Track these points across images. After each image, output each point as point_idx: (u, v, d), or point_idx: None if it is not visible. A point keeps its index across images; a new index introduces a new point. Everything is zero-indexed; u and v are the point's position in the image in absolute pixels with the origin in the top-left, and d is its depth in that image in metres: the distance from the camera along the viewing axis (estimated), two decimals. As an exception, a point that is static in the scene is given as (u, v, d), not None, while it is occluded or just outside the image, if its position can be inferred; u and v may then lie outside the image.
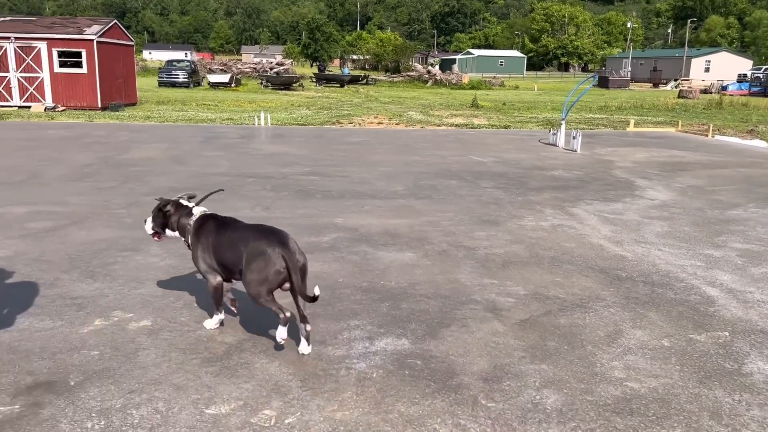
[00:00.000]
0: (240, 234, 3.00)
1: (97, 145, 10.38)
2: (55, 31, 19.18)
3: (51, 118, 15.44)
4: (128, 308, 3.43)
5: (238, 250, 2.91)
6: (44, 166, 8.05)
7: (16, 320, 3.23)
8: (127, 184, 6.99)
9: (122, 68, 21.08)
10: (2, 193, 6.29)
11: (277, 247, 2.83)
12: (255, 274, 2.82)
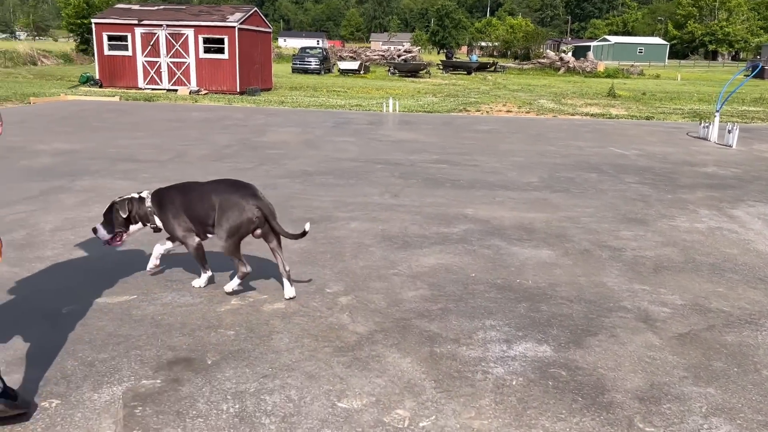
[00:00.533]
0: (210, 187, 3.22)
1: (236, 127, 10.85)
2: (202, 19, 20.33)
3: (195, 101, 16.40)
4: (263, 289, 3.45)
5: (210, 201, 3.14)
6: (188, 146, 8.50)
7: (161, 295, 3.33)
8: (263, 166, 7.19)
9: (260, 54, 21.99)
10: (151, 171, 6.68)
11: (250, 198, 3.13)
12: (230, 223, 3.08)
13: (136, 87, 20.00)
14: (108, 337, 2.82)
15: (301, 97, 19.21)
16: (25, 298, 3.22)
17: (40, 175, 6.27)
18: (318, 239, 4.39)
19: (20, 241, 4.15)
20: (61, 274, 3.57)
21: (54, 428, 2.13)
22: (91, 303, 3.19)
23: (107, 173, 6.46)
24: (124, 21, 20.16)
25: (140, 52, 20.06)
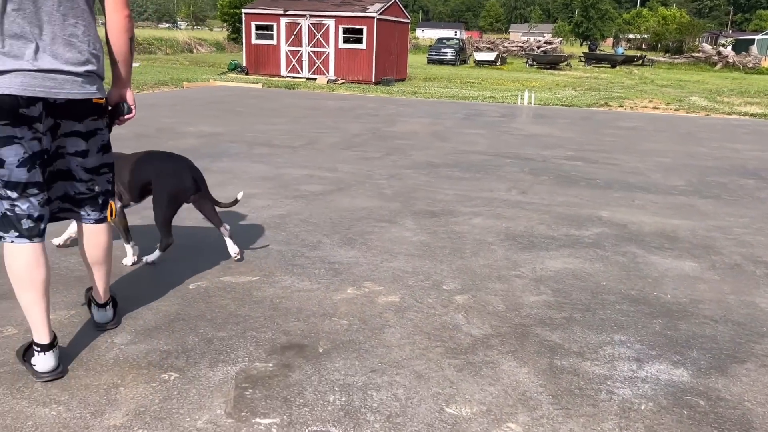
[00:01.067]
0: (145, 158, 3.29)
1: (368, 116, 10.99)
2: (343, 9, 20.82)
3: (331, 90, 16.86)
4: (379, 280, 3.41)
5: (145, 170, 3.23)
6: (321, 133, 8.71)
7: (281, 278, 3.39)
8: (390, 156, 7.20)
9: (396, 45, 22.18)
10: (285, 156, 6.91)
11: (186, 167, 3.31)
12: (169, 191, 3.24)
13: (278, 75, 20.94)
14: (228, 316, 2.90)
15: (434, 88, 19.14)
16: (158, 272, 3.40)
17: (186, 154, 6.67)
18: (438, 233, 4.29)
19: (161, 216, 4.41)
20: (194, 251, 3.75)
21: (170, 401, 2.20)
22: (216, 281, 3.31)
23: (244, 156, 6.76)
24: (271, 11, 21.15)
25: (284, 41, 20.97)
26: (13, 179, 2.17)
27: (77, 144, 2.35)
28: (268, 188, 5.39)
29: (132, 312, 2.88)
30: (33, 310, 2.27)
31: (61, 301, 2.95)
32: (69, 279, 3.23)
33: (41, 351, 2.29)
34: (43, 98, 2.17)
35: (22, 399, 2.17)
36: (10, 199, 2.19)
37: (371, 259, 3.73)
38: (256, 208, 4.74)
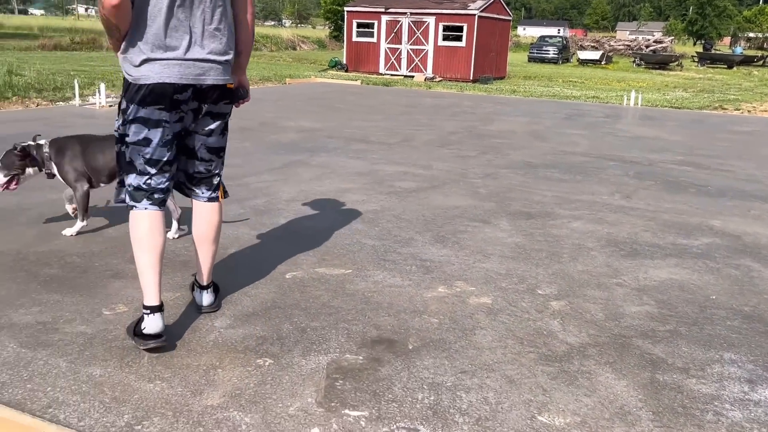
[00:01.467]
0: (109, 140, 3.47)
1: (464, 114, 10.89)
2: (444, 7, 20.74)
3: (428, 88, 16.85)
4: (471, 281, 3.36)
5: (110, 152, 3.39)
6: (417, 130, 8.72)
7: (373, 272, 3.42)
8: (486, 155, 7.09)
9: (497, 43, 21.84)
10: (381, 153, 6.96)
11: None
12: None
13: (377, 72, 21.17)
14: (322, 306, 2.95)
15: (534, 86, 18.69)
16: (257, 260, 3.52)
17: (285, 148, 6.89)
18: (534, 235, 4.17)
19: (260, 207, 4.57)
20: (291, 242, 3.85)
21: (264, 386, 2.27)
22: (311, 272, 3.38)
23: (341, 152, 6.88)
24: (372, 9, 21.41)
25: (384, 38, 21.17)
26: (154, 157, 2.44)
27: (208, 123, 2.58)
28: (363, 183, 5.45)
29: (231, 297, 3.00)
30: (148, 273, 2.46)
31: (167, 284, 3.11)
32: (175, 263, 3.40)
33: (151, 312, 2.45)
34: (193, 84, 2.40)
35: (130, 373, 2.30)
36: (149, 174, 2.46)
37: (464, 259, 3.69)
38: (351, 203, 4.80)
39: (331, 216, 4.43)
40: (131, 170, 2.46)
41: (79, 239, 3.66)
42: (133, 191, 2.47)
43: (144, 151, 2.42)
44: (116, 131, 2.50)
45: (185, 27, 2.35)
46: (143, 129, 2.39)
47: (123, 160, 2.48)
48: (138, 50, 2.32)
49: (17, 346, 2.44)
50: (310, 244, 3.81)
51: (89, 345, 2.48)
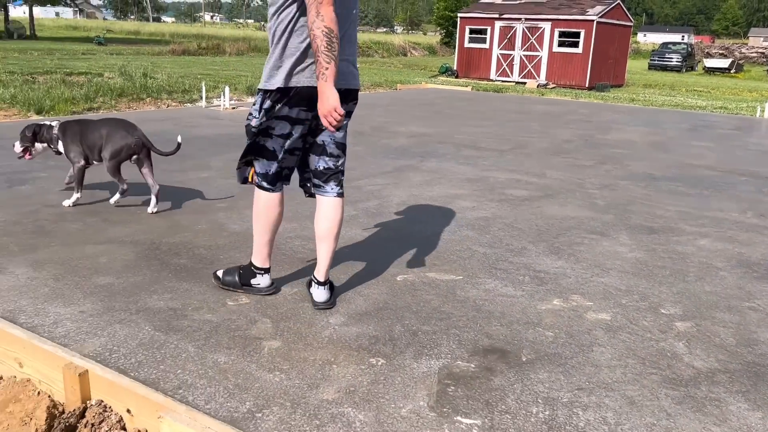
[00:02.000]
0: (102, 122, 4.15)
1: (579, 122, 10.54)
2: (561, 12, 20.21)
3: (541, 94, 16.46)
4: (588, 295, 3.24)
5: (100, 131, 4.08)
6: (529, 138, 8.54)
7: (484, 280, 3.37)
8: (603, 165, 6.82)
9: (615, 49, 21.01)
10: (492, 159, 6.88)
11: (131, 130, 4.11)
12: (113, 147, 4.04)
13: (487, 78, 20.96)
14: (433, 311, 2.95)
15: (654, 95, 17.78)
16: (369, 261, 3.57)
17: (396, 153, 6.97)
18: (657, 251, 3.96)
19: (372, 209, 4.64)
20: (402, 245, 3.88)
21: (377, 385, 2.29)
22: (422, 276, 3.39)
23: (451, 157, 6.86)
24: (485, 15, 21.23)
25: (496, 44, 20.93)
26: (290, 147, 2.78)
27: None
28: (474, 190, 5.41)
29: (345, 295, 3.06)
30: (269, 244, 2.94)
31: (285, 279, 3.23)
32: (293, 260, 3.53)
33: (264, 273, 2.98)
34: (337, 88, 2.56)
35: (251, 362, 2.41)
36: (284, 161, 2.81)
37: (580, 272, 3.56)
38: (461, 209, 4.77)
39: (441, 221, 4.43)
40: (268, 157, 2.78)
41: (206, 233, 3.89)
42: (269, 175, 2.81)
43: (285, 143, 2.74)
44: (254, 125, 2.75)
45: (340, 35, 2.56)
46: (287, 125, 2.71)
47: (258, 149, 2.78)
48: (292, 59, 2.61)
49: (152, 329, 2.62)
50: (420, 247, 3.83)
51: (214, 332, 2.62)
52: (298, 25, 2.58)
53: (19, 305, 2.76)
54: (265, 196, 2.85)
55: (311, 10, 2.41)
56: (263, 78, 2.70)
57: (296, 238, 3.88)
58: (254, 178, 2.86)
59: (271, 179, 2.83)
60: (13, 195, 4.51)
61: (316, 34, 2.41)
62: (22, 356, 2.39)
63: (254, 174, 2.86)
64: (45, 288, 2.95)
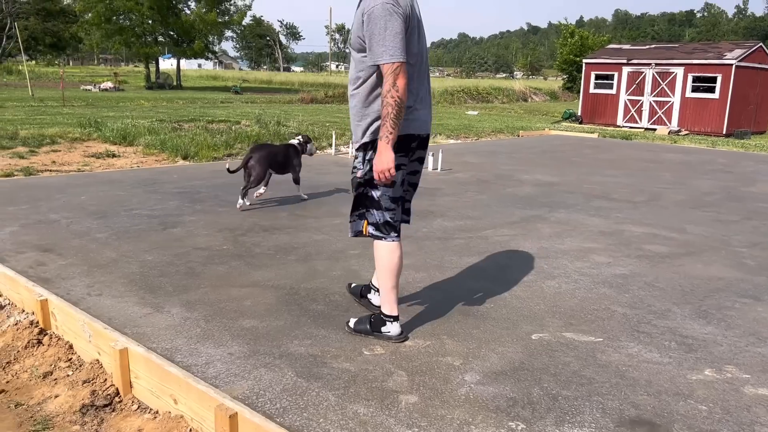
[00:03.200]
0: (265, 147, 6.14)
1: (719, 173, 9.89)
2: (695, 57, 19.30)
3: (673, 141, 15.66)
4: (745, 366, 2.97)
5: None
6: (664, 188, 8.11)
7: (626, 343, 3.20)
8: (751, 220, 6.33)
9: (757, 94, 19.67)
10: (625, 212, 6.59)
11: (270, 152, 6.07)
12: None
13: (614, 125, 20.28)
14: (572, 375, 2.84)
15: (804, 143, 16.35)
16: (502, 316, 3.51)
17: (522, 202, 6.87)
18: (824, 321, 3.57)
19: (501, 262, 4.58)
20: (534, 300, 3.79)
21: (517, 451, 2.22)
22: (558, 335, 3.27)
23: (581, 208, 6.66)
24: (612, 60, 20.68)
25: (624, 90, 20.27)
26: (397, 195, 2.98)
27: (418, 167, 3.14)
28: (608, 244, 5.19)
29: (479, 352, 3.02)
30: (396, 290, 3.06)
31: (417, 331, 3.24)
32: (425, 310, 3.54)
33: (394, 320, 3.09)
34: (420, 134, 2.99)
35: (390, 416, 2.42)
36: (393, 210, 2.98)
37: (733, 340, 3.29)
38: (596, 264, 4.59)
39: (575, 277, 4.28)
40: (378, 207, 2.96)
41: (341, 279, 4.01)
42: (383, 225, 2.98)
43: (390, 191, 2.94)
44: (360, 177, 2.97)
45: (422, 87, 2.98)
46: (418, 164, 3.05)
47: (368, 200, 2.98)
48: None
49: (294, 375, 2.71)
50: (555, 304, 3.72)
51: (353, 382, 2.67)
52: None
53: (175, 344, 2.97)
54: (396, 247, 3.01)
55: (387, 80, 2.69)
56: (361, 134, 2.95)
57: (426, 289, 3.90)
58: (367, 229, 3.03)
59: (393, 228, 3.00)
60: (166, 237, 4.90)
61: (388, 102, 2.69)
62: (178, 394, 2.56)
63: (367, 225, 3.03)
64: (197, 328, 3.16)
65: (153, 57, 38.25)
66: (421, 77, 2.93)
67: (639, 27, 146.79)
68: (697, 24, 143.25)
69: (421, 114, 2.96)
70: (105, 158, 9.13)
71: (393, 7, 2.68)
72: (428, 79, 3.02)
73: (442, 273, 4.24)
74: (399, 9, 2.69)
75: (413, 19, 2.79)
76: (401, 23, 2.69)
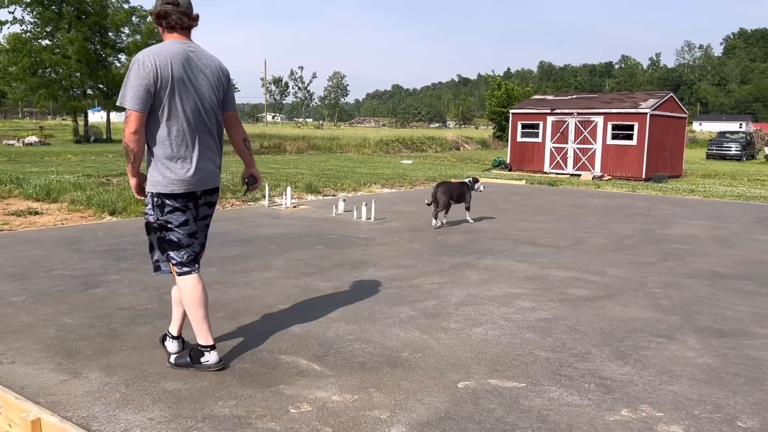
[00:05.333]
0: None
1: (638, 216, 10.40)
2: (613, 106, 20.45)
3: (597, 187, 16.39)
4: (658, 405, 3.11)
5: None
6: (587, 233, 8.46)
7: (548, 388, 3.30)
8: (666, 261, 6.67)
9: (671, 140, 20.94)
10: (549, 256, 6.83)
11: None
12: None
13: (541, 171, 21.08)
14: (496, 422, 2.89)
15: (715, 185, 17.44)
16: (429, 365, 3.56)
17: (452, 250, 7.02)
18: (728, 357, 3.79)
19: (431, 310, 4.65)
20: (462, 348, 3.85)
21: (440, 503, 2.24)
22: (484, 382, 3.34)
23: (509, 254, 6.85)
24: (537, 110, 21.65)
25: (549, 138, 21.17)
26: (191, 231, 3.38)
27: (207, 211, 3.53)
28: (533, 289, 5.36)
29: (406, 403, 3.04)
30: (206, 321, 3.35)
31: (345, 386, 3.24)
32: (353, 364, 3.54)
33: (210, 350, 3.35)
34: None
35: (314, 475, 2.40)
36: (191, 245, 3.37)
37: (648, 379, 3.44)
38: (521, 309, 4.72)
39: (501, 323, 4.39)
40: (175, 247, 3.31)
41: (269, 335, 3.97)
42: (184, 261, 3.32)
43: (185, 229, 3.32)
44: (154, 223, 3.29)
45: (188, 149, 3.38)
46: (182, 215, 3.31)
47: (164, 242, 3.31)
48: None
49: (217, 438, 2.66)
50: (481, 351, 3.79)
51: (277, 442, 2.64)
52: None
53: (92, 412, 2.86)
54: (196, 279, 3.35)
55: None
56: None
57: (356, 341, 3.91)
58: (173, 269, 3.35)
59: (191, 262, 3.36)
60: (88, 298, 4.74)
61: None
62: (94, 464, 2.46)
63: (173, 266, 3.35)
64: (117, 393, 3.06)
65: (81, 110, 37.40)
66: (193, 135, 3.27)
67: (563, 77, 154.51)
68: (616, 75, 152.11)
69: (192, 171, 3.27)
70: (26, 216, 8.78)
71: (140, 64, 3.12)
72: (213, 137, 3.39)
73: (372, 324, 4.27)
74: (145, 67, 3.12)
75: (171, 79, 3.15)
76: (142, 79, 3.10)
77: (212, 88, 3.34)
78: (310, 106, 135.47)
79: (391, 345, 3.87)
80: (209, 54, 3.40)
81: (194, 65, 3.26)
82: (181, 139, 3.22)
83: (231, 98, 3.52)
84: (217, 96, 3.38)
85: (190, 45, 3.31)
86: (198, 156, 3.28)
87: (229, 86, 3.50)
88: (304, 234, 7.78)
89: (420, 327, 4.24)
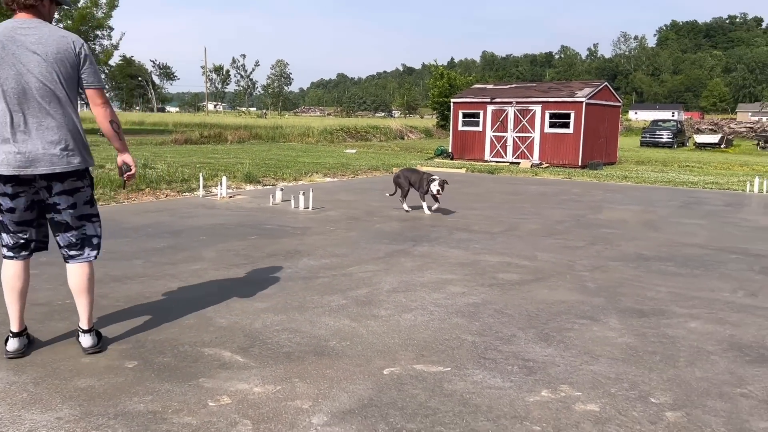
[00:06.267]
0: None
1: (572, 202, 10.66)
2: (550, 95, 20.87)
3: (535, 174, 16.73)
4: (577, 385, 3.18)
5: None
6: (522, 219, 8.62)
7: (472, 371, 3.33)
8: (594, 245, 6.86)
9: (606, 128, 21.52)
10: (483, 242, 6.92)
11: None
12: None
13: (482, 159, 21.36)
14: (418, 407, 2.90)
15: (647, 172, 18.07)
16: (356, 353, 3.54)
17: (389, 237, 7.02)
18: (647, 336, 3.92)
19: (362, 298, 4.64)
20: (390, 335, 3.85)
21: (356, 490, 2.22)
22: (409, 368, 3.34)
23: (443, 241, 6.91)
24: (477, 99, 21.90)
25: (489, 127, 21.47)
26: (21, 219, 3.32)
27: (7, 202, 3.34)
28: (465, 275, 5.41)
29: (330, 392, 3.01)
30: (13, 306, 3.38)
31: (269, 376, 3.19)
32: (279, 354, 3.49)
33: (12, 336, 3.38)
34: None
35: (228, 468, 2.35)
36: (20, 234, 3.35)
37: (569, 360, 3.52)
38: (452, 295, 4.76)
39: (431, 308, 4.41)
40: (3, 230, 3.31)
41: (192, 328, 3.87)
42: (10, 245, 3.33)
43: (12, 216, 3.27)
44: None
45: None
46: (9, 200, 3.23)
47: None
48: None
49: (128, 434, 2.57)
50: (409, 337, 3.80)
51: (193, 436, 2.57)
52: None
53: (-5, 412, 2.72)
54: (11, 264, 3.37)
55: None
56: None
57: (283, 332, 3.86)
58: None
59: (15, 248, 3.36)
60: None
61: None
62: (-6, 467, 2.34)
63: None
64: (24, 393, 2.92)
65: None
66: (18, 115, 3.14)
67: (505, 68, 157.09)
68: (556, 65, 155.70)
69: (15, 152, 3.13)
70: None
71: None
72: (52, 116, 3.21)
73: (301, 314, 4.22)
74: None
75: None
76: None
77: (49, 64, 3.16)
78: (253, 95, 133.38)
79: (319, 334, 3.84)
80: (54, 30, 3.24)
81: (19, 42, 3.13)
82: (1, 119, 3.12)
83: (90, 75, 3.32)
84: (60, 72, 3.20)
85: (26, 22, 3.19)
86: (24, 137, 3.13)
87: (87, 62, 3.30)
88: (239, 224, 7.64)
89: (350, 315, 4.22)
